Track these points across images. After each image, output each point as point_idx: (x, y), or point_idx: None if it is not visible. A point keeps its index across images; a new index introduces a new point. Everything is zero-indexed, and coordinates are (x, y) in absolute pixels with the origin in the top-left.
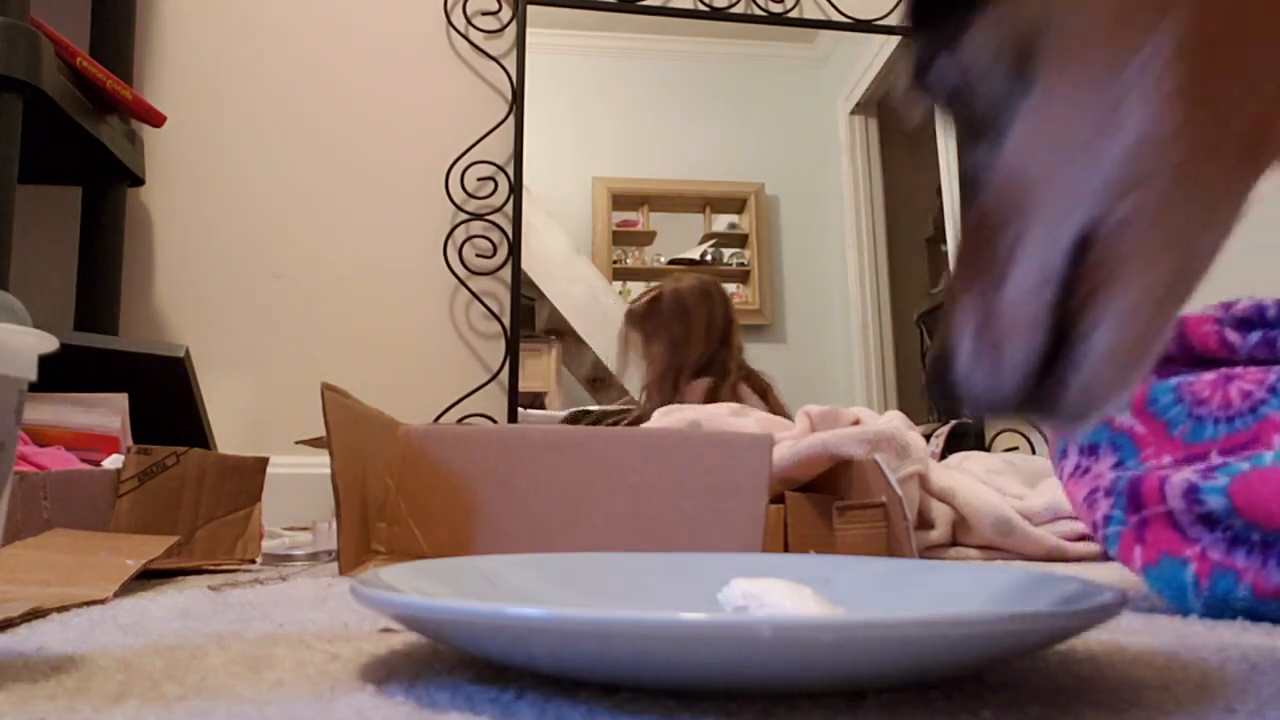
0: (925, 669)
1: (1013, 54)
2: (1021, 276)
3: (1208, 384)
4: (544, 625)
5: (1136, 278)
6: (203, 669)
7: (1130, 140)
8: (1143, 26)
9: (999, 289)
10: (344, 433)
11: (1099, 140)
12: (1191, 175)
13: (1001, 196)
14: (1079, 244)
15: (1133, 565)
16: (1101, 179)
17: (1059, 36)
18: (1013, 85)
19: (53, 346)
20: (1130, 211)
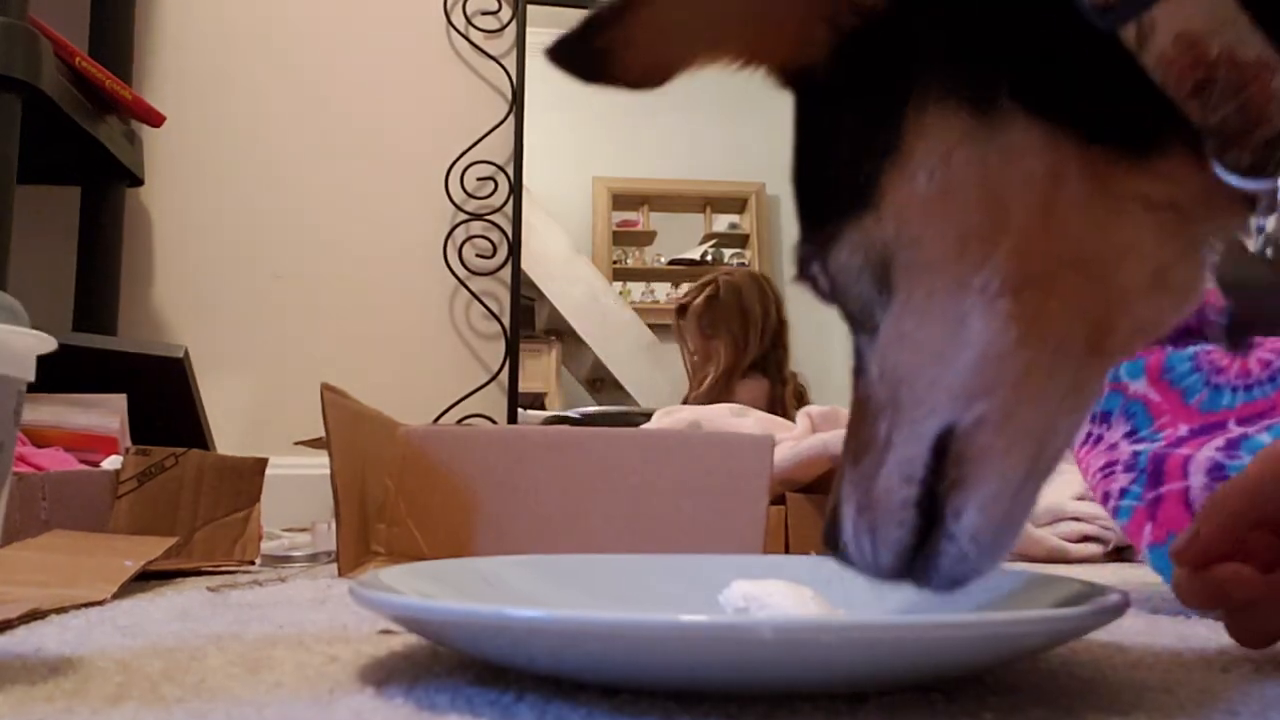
0: (926, 671)
1: (873, 270)
2: (889, 471)
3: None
4: (544, 627)
5: (994, 470)
6: (201, 670)
7: (975, 354)
8: (976, 260)
9: (873, 477)
10: (343, 433)
11: (949, 352)
12: (1034, 380)
13: (874, 390)
14: (939, 442)
15: (1139, 541)
16: (953, 386)
17: (908, 261)
18: (877, 293)
19: (51, 347)
20: (982, 413)
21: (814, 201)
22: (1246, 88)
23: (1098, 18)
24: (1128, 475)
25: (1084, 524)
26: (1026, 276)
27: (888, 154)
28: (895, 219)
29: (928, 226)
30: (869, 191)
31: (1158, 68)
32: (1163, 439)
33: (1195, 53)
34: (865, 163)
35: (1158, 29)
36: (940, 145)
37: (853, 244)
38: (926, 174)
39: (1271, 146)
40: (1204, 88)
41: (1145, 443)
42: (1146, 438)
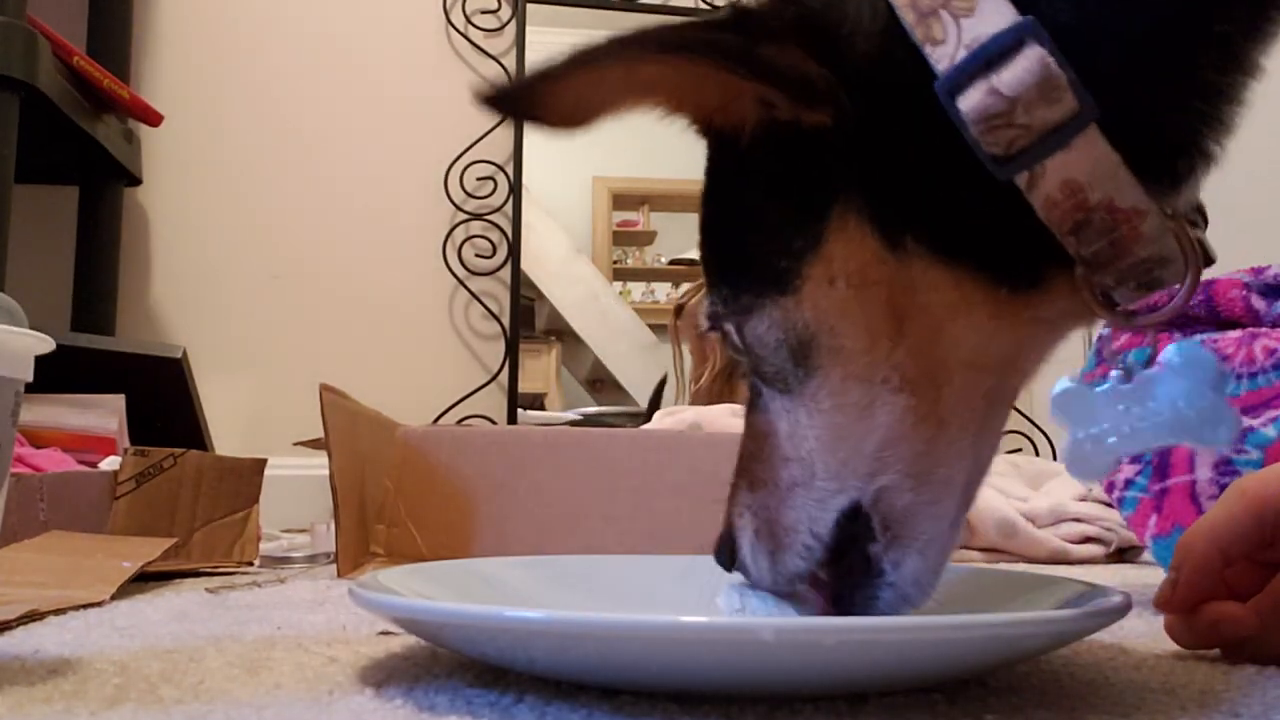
0: (927, 672)
1: (790, 347)
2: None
3: (1232, 341)
4: (543, 628)
5: (924, 522)
6: (200, 672)
7: (879, 438)
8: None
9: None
10: (342, 434)
11: (859, 435)
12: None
13: (782, 443)
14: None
15: (1144, 532)
16: (860, 467)
17: (825, 346)
18: (793, 366)
19: (49, 347)
20: (890, 484)
21: (726, 266)
22: (1119, 228)
23: (996, 168)
24: (1133, 467)
25: (1086, 525)
26: (922, 374)
27: (809, 251)
28: (813, 310)
29: (842, 322)
30: (788, 279)
31: (1043, 209)
32: None
33: (1077, 199)
34: (786, 255)
35: (1047, 176)
36: (855, 261)
37: (772, 321)
38: (844, 280)
39: (1133, 271)
40: (1082, 227)
41: None
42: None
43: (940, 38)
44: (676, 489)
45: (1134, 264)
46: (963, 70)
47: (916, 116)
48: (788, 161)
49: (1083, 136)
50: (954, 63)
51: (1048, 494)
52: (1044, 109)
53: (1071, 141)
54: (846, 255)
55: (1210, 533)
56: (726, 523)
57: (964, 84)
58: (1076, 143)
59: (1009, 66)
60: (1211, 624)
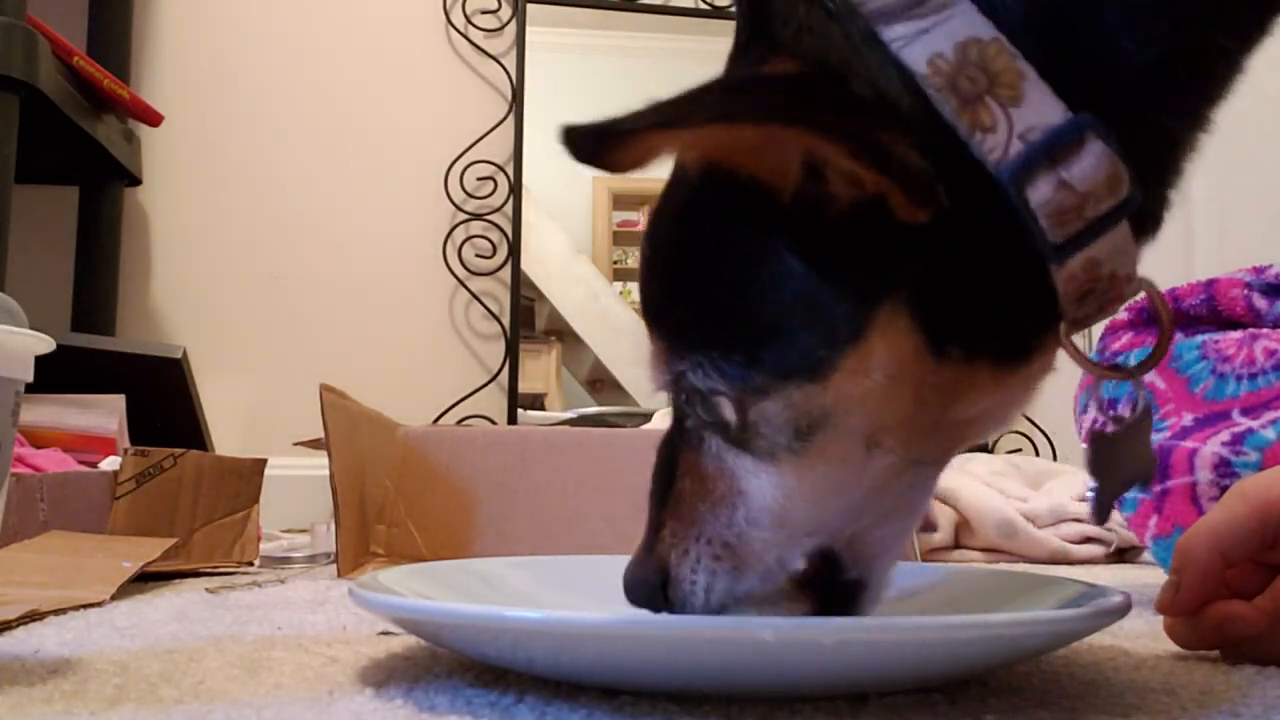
0: (927, 672)
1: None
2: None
3: (1233, 342)
4: (543, 628)
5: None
6: (200, 672)
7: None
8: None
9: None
10: (342, 434)
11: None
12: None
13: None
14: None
15: (1144, 533)
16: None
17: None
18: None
19: (49, 347)
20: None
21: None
22: (1111, 292)
23: (1054, 256)
24: None
25: (1086, 525)
26: (914, 439)
27: (850, 343)
28: (837, 397)
29: (863, 409)
30: (821, 367)
31: (1064, 285)
32: (1168, 429)
33: (1093, 273)
34: (825, 343)
35: (1075, 257)
36: (896, 358)
37: (790, 403)
38: (880, 374)
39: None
40: (1086, 296)
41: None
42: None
43: (990, 125)
44: None
45: (1105, 315)
46: (1028, 161)
47: (974, 209)
48: (840, 244)
49: (1122, 221)
50: (1009, 154)
51: (1048, 494)
52: (1107, 198)
53: (1118, 225)
54: (889, 352)
55: (1212, 535)
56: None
57: (1029, 176)
58: (1118, 228)
59: (1078, 161)
60: (1218, 624)
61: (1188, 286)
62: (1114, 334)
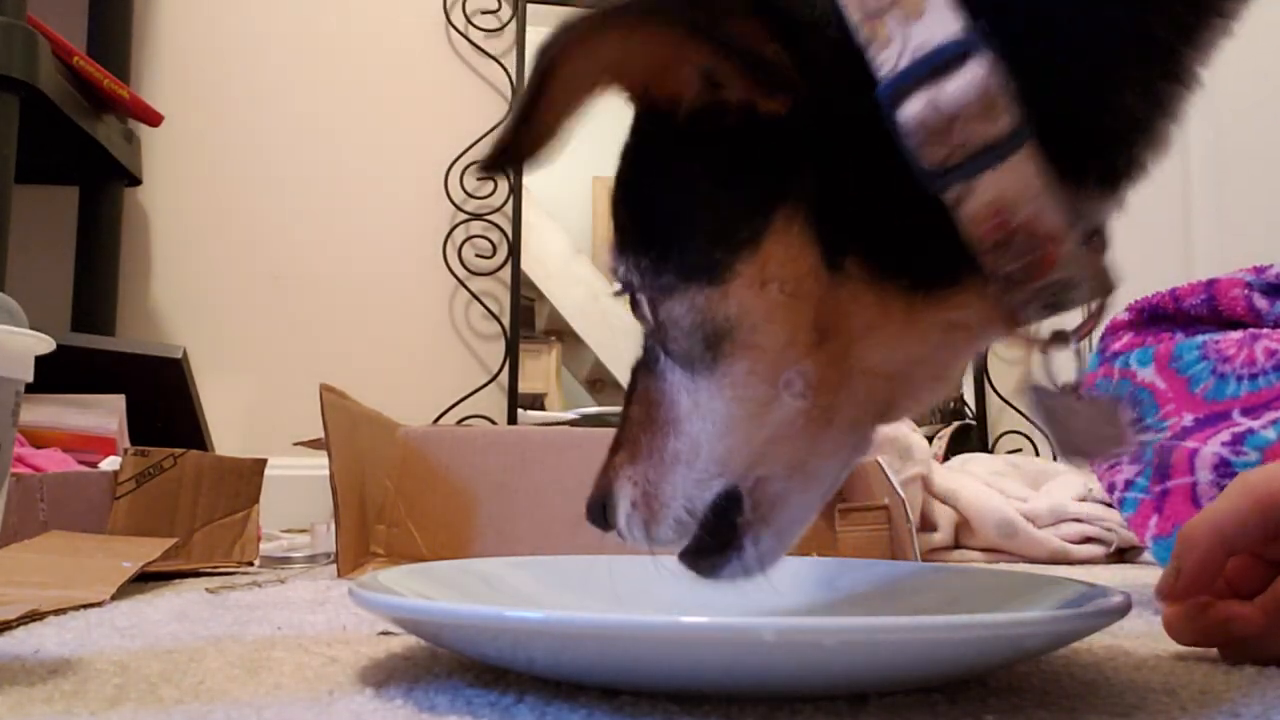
0: (928, 672)
1: (705, 333)
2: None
3: (1234, 342)
4: (543, 628)
5: (791, 509)
6: (200, 672)
7: (769, 434)
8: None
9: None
10: (342, 434)
11: (750, 428)
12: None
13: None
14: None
15: (1144, 534)
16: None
17: (742, 340)
18: (703, 349)
19: (49, 347)
20: (767, 474)
21: (650, 237)
22: (1036, 251)
23: (929, 182)
24: (1133, 467)
25: (1086, 525)
26: (825, 381)
27: (746, 248)
28: (739, 306)
29: (765, 324)
30: (719, 270)
31: (967, 225)
32: (1168, 429)
33: (1000, 218)
34: (722, 246)
35: (975, 194)
36: (792, 269)
37: (693, 306)
38: (777, 286)
39: (1042, 292)
40: (1002, 247)
41: (1151, 432)
42: (1152, 426)
43: (886, 40)
44: None
45: (1044, 286)
46: (906, 77)
47: (861, 122)
48: (735, 150)
49: (1015, 156)
50: (897, 69)
51: (1048, 494)
52: (981, 126)
53: (1004, 161)
54: (784, 262)
55: (1214, 525)
56: (603, 484)
57: (906, 92)
58: (1009, 162)
59: (952, 79)
60: (1218, 623)
61: (1188, 286)
62: (1114, 334)
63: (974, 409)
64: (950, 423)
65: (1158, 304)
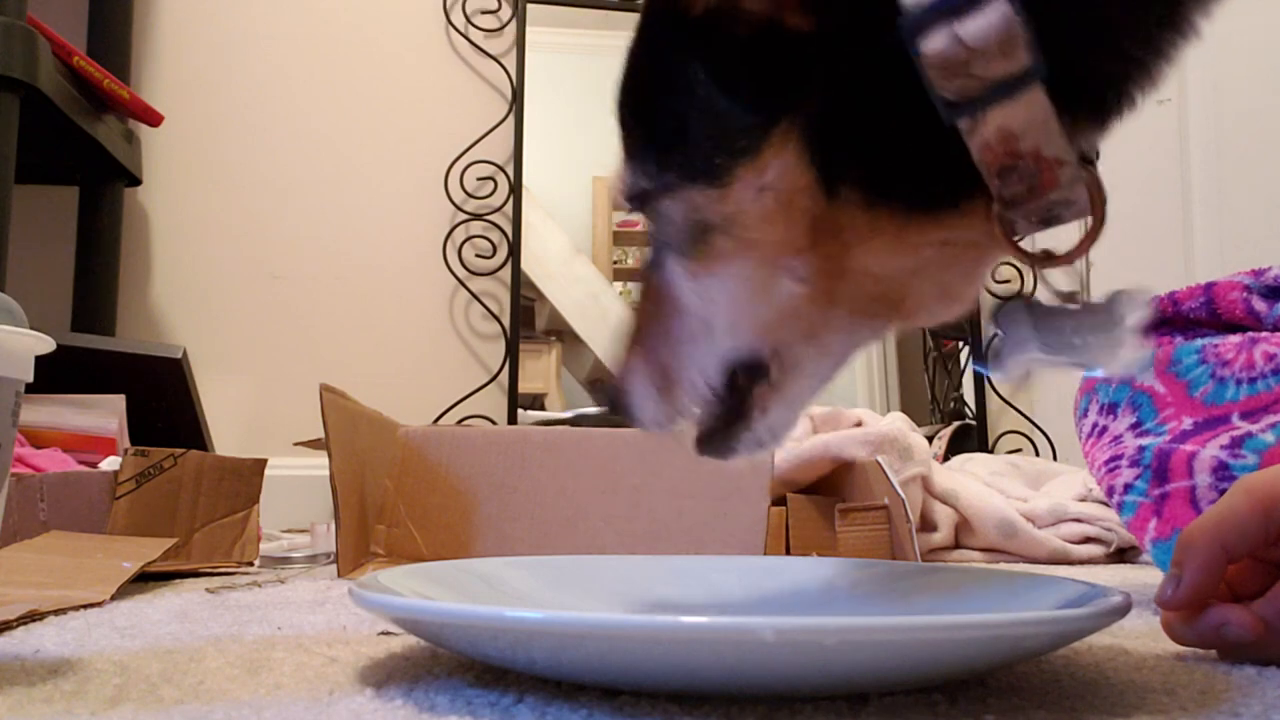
0: (928, 672)
1: (699, 227)
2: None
3: (1233, 346)
4: (544, 628)
5: (800, 381)
6: (200, 672)
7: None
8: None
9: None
10: (342, 434)
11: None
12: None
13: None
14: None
15: (1144, 537)
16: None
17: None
18: (698, 238)
19: (49, 347)
20: (780, 341)
21: (655, 138)
22: (1040, 175)
23: (946, 112)
24: (1132, 470)
25: (1086, 525)
26: (823, 273)
27: (746, 156)
28: (736, 208)
29: (760, 225)
30: (719, 175)
31: (978, 152)
32: (1167, 432)
33: (1009, 146)
34: (723, 150)
35: (987, 123)
36: (788, 183)
37: (690, 203)
38: (773, 195)
39: (1038, 210)
40: (1008, 172)
41: (1150, 436)
42: (1151, 430)
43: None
44: (676, 489)
45: (1042, 204)
46: (931, 10)
47: (877, 50)
48: (745, 60)
49: (1027, 91)
50: (924, 2)
51: (1048, 494)
52: (999, 63)
53: (1016, 96)
54: (781, 174)
55: (1214, 530)
56: (620, 372)
57: (929, 24)
58: (1020, 97)
59: (975, 17)
60: (1217, 627)
61: (1187, 290)
62: None
63: (974, 409)
64: (950, 423)
65: (1156, 307)
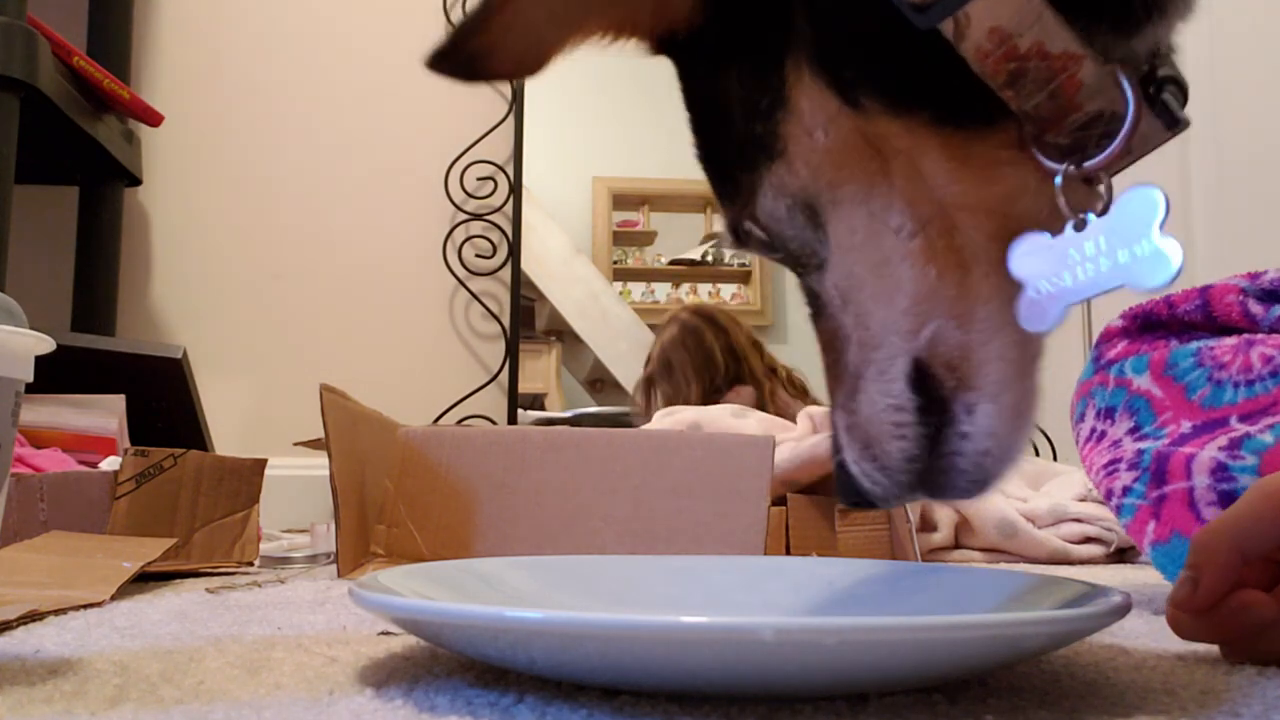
0: (928, 673)
1: (801, 209)
2: (872, 399)
3: (1229, 348)
4: (544, 628)
5: (988, 363)
6: (200, 672)
7: (909, 295)
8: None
9: (857, 408)
10: (343, 434)
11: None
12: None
13: (841, 322)
14: (914, 370)
15: (1142, 540)
16: (903, 324)
17: (830, 200)
18: (812, 230)
19: (49, 347)
20: (934, 330)
21: (724, 166)
22: (1056, 77)
23: (915, 16)
24: (1131, 474)
25: (1086, 525)
26: (926, 217)
27: (778, 109)
28: (804, 166)
29: (834, 172)
30: (771, 144)
31: (975, 60)
32: (1166, 436)
33: (1007, 47)
34: (759, 118)
35: (973, 24)
36: (822, 113)
37: (774, 190)
38: (821, 131)
39: (1086, 129)
40: (1018, 78)
41: (1148, 439)
42: (1149, 434)
43: None
44: (676, 489)
45: (1085, 120)
46: None
47: None
48: (732, 32)
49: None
50: None
51: (1048, 494)
52: None
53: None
54: (812, 108)
55: (1233, 531)
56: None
57: None
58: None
59: None
60: (1235, 611)
61: (1182, 293)
62: (1109, 341)
63: None
64: None
65: (1152, 310)
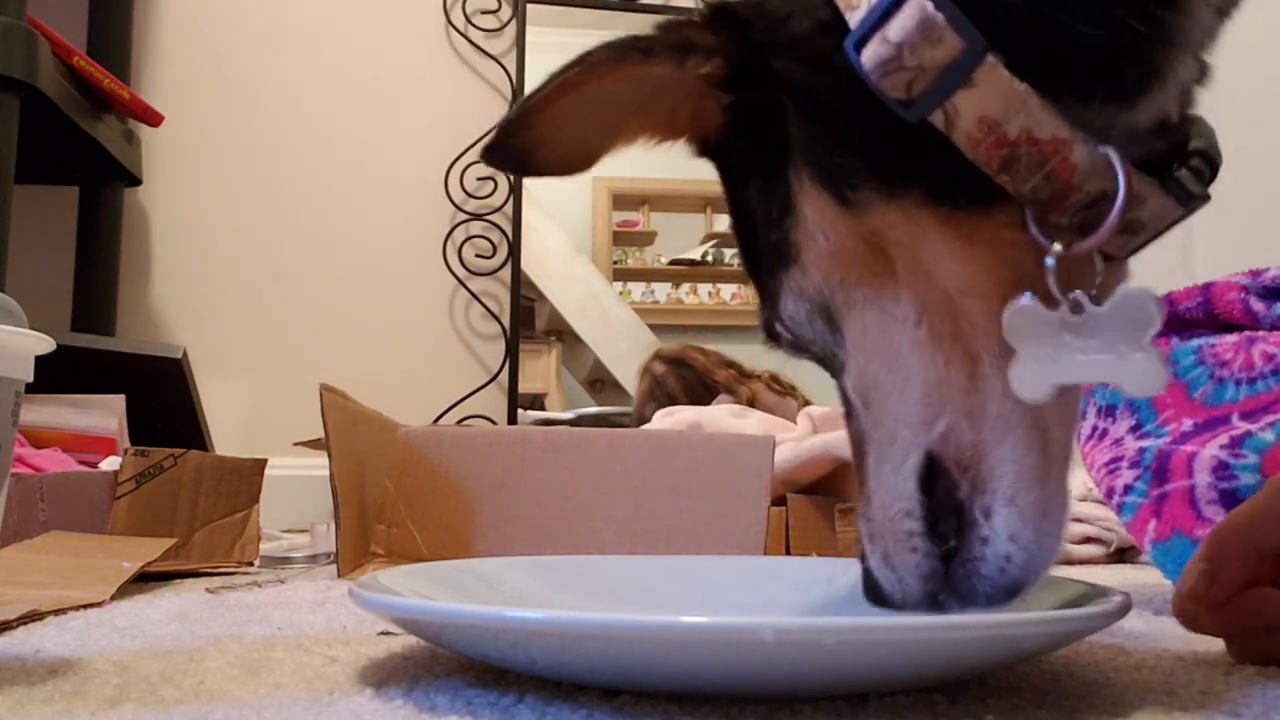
0: (928, 672)
1: (818, 313)
2: (886, 502)
3: (1230, 346)
4: (544, 628)
5: (1005, 463)
6: (200, 672)
7: (919, 386)
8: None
9: (874, 512)
10: (342, 434)
11: (899, 387)
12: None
13: (859, 431)
14: (924, 469)
15: (1143, 538)
16: (914, 417)
17: (840, 302)
18: (829, 332)
19: (49, 347)
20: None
21: (756, 270)
22: (1048, 161)
23: (903, 111)
24: (1132, 472)
25: (1086, 525)
26: (931, 305)
27: (787, 216)
28: (816, 270)
29: (843, 272)
30: (786, 250)
31: (967, 148)
32: (1167, 434)
33: (997, 134)
34: (774, 227)
35: (962, 115)
36: (823, 215)
37: (793, 295)
38: (823, 235)
39: (1091, 208)
40: (1011, 163)
41: (1150, 438)
42: (1151, 432)
43: (856, 3)
44: (676, 489)
45: (1088, 200)
46: (864, 26)
47: (838, 76)
48: (749, 143)
49: (983, 72)
50: (859, 23)
51: None
52: (929, 50)
53: (972, 77)
54: (815, 212)
55: (1249, 526)
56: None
57: (866, 39)
58: (978, 78)
59: (897, 17)
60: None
61: (1184, 290)
62: None
63: None
64: None
65: None
